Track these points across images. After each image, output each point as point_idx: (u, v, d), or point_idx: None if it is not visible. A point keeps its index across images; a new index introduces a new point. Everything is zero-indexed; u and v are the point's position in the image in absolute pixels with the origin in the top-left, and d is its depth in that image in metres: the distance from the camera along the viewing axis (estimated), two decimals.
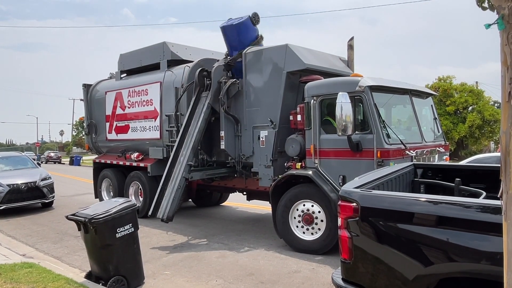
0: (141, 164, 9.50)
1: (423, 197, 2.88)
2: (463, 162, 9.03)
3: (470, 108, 26.69)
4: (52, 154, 45.88)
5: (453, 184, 4.13)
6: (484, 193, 3.55)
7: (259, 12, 7.70)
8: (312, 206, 6.37)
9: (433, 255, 2.58)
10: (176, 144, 7.89)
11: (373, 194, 3.01)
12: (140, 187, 9.65)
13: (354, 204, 2.94)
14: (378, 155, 5.72)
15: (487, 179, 4.35)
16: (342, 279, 3.10)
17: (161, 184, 7.64)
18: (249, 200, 8.99)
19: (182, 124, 8.08)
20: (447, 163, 6.64)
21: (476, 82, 30.06)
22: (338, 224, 3.08)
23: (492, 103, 28.11)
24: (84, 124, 11.83)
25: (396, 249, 2.76)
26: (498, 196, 1.87)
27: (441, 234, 2.55)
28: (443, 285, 2.66)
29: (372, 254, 2.88)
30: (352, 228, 2.95)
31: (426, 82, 29.44)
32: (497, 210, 2.41)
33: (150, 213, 7.33)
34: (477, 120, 25.04)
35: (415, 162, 5.20)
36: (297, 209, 6.51)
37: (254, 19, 7.56)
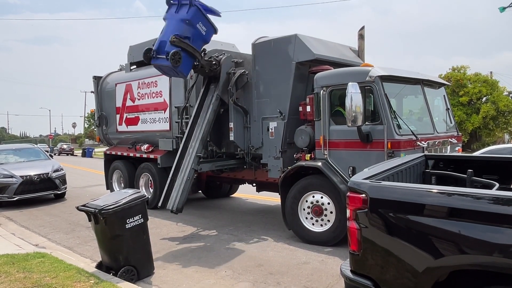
0: (151, 156, 9.55)
1: (435, 188, 2.82)
2: (476, 154, 8.86)
3: (484, 99, 26.18)
4: (64, 146, 46.50)
5: (465, 176, 4.05)
6: (497, 185, 3.47)
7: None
8: (322, 197, 6.33)
9: (444, 247, 2.53)
10: (185, 135, 7.89)
11: (383, 185, 2.95)
12: (150, 178, 9.71)
13: (363, 195, 2.90)
14: (389, 146, 5.65)
15: (500, 170, 4.26)
16: (351, 271, 3.07)
17: (170, 175, 7.66)
18: (258, 192, 8.99)
19: (191, 116, 8.06)
20: (459, 154, 6.52)
21: (491, 72, 29.44)
22: (347, 215, 3.04)
23: (507, 93, 27.52)
24: (95, 116, 11.91)
25: (405, 241, 2.71)
26: None
27: (453, 226, 2.50)
28: (453, 277, 2.62)
29: (381, 246, 2.84)
30: (361, 220, 2.91)
31: (439, 72, 28.99)
32: (510, 202, 2.35)
33: (160, 204, 7.36)
34: (491, 111, 24.55)
35: (426, 153, 5.11)
36: (307, 201, 6.48)
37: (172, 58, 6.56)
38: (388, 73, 5.98)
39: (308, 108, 6.68)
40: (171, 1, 6.78)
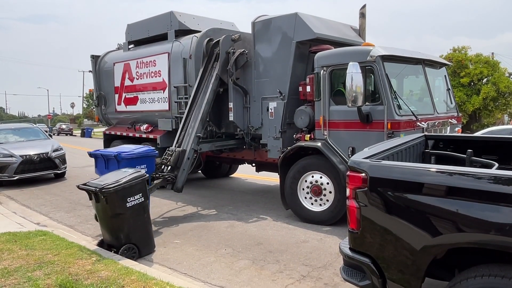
0: (151, 136, 9.55)
1: (434, 167, 2.84)
2: (477, 134, 8.86)
3: (485, 80, 26.01)
4: (63, 126, 46.43)
5: (465, 156, 4.06)
6: (497, 164, 3.49)
7: None
8: (321, 177, 6.37)
9: (442, 226, 2.56)
10: (184, 115, 7.87)
11: (382, 165, 2.96)
12: None
13: (363, 174, 2.91)
14: (389, 126, 5.64)
15: (500, 150, 4.27)
16: (350, 248, 3.11)
17: None
18: (258, 172, 9.03)
19: (190, 96, 8.02)
20: (459, 134, 6.52)
21: (492, 53, 29.16)
22: (347, 194, 3.06)
23: (508, 74, 27.32)
24: (94, 96, 11.84)
25: (404, 219, 2.74)
26: None
27: (451, 205, 2.52)
28: (450, 255, 2.66)
29: (380, 224, 2.87)
30: (360, 199, 2.94)
31: (441, 53, 28.70)
32: (509, 181, 2.37)
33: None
34: (492, 92, 24.42)
35: (426, 134, 5.11)
36: (306, 181, 6.52)
37: None
38: (389, 52, 5.92)
39: (308, 88, 6.64)
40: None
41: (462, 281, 2.50)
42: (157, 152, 6.55)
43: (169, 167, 7.08)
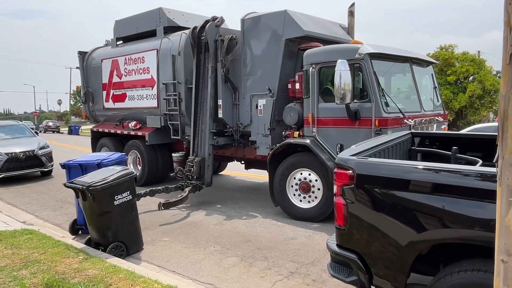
0: (139, 133, 9.48)
1: (420, 164, 2.87)
2: (463, 132, 9.00)
3: (471, 78, 26.37)
4: (50, 124, 45.75)
5: (450, 153, 4.13)
6: (481, 161, 3.55)
7: None
8: (310, 174, 6.40)
9: (427, 222, 2.59)
10: (192, 113, 7.90)
11: (369, 162, 2.99)
12: (138, 155, 9.67)
13: (350, 171, 2.94)
14: (376, 123, 5.69)
15: (484, 147, 4.34)
16: (337, 245, 3.14)
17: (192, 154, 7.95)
18: (247, 169, 9.03)
19: (193, 92, 7.94)
20: (445, 132, 6.61)
21: (478, 51, 29.59)
22: (334, 191, 3.09)
23: (494, 73, 27.73)
24: (81, 93, 11.70)
25: (390, 216, 2.78)
26: (494, 161, 1.86)
27: (437, 201, 2.56)
28: (435, 250, 2.70)
29: (367, 220, 2.90)
30: (347, 195, 2.96)
31: (428, 51, 29.00)
32: (493, 177, 2.41)
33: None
34: (478, 90, 24.76)
35: (412, 131, 5.18)
36: (295, 178, 6.55)
37: None
38: (377, 50, 5.97)
39: (297, 86, 6.66)
40: None
41: (447, 276, 2.53)
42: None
43: (195, 176, 7.61)
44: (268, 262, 4.89)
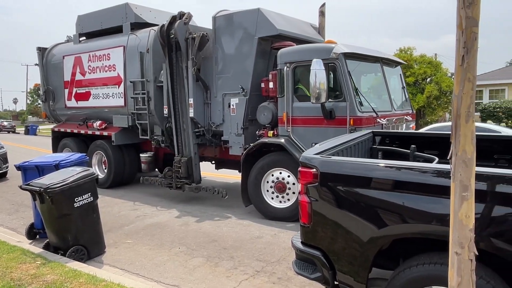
0: (105, 133, 9.12)
1: (382, 162, 2.95)
2: (421, 131, 9.35)
3: (428, 80, 27.49)
4: (5, 123, 43.21)
5: (409, 151, 4.28)
6: (437, 159, 3.70)
7: None
8: (285, 174, 6.38)
9: (388, 218, 2.67)
10: (172, 114, 7.68)
11: (333, 160, 3.03)
12: (104, 157, 9.30)
13: (314, 170, 2.97)
14: (351, 123, 5.75)
15: (440, 145, 4.55)
16: (302, 242, 3.17)
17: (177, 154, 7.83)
18: (217, 169, 8.90)
19: (168, 92, 7.69)
20: (403, 131, 6.80)
21: (435, 54, 30.91)
22: (298, 189, 3.09)
23: (450, 74, 29.07)
24: (40, 91, 11.10)
25: (352, 213, 2.84)
26: (448, 158, 1.93)
27: (397, 198, 2.63)
28: (396, 245, 2.77)
29: (330, 218, 2.95)
30: (311, 194, 2.99)
31: (388, 53, 29.93)
32: (448, 174, 2.49)
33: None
34: (435, 91, 25.85)
35: (373, 130, 5.28)
36: (270, 177, 6.50)
37: None
38: (352, 50, 6.04)
39: (271, 85, 6.62)
40: None
41: (406, 270, 2.62)
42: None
43: (183, 176, 7.57)
44: (234, 262, 4.84)
